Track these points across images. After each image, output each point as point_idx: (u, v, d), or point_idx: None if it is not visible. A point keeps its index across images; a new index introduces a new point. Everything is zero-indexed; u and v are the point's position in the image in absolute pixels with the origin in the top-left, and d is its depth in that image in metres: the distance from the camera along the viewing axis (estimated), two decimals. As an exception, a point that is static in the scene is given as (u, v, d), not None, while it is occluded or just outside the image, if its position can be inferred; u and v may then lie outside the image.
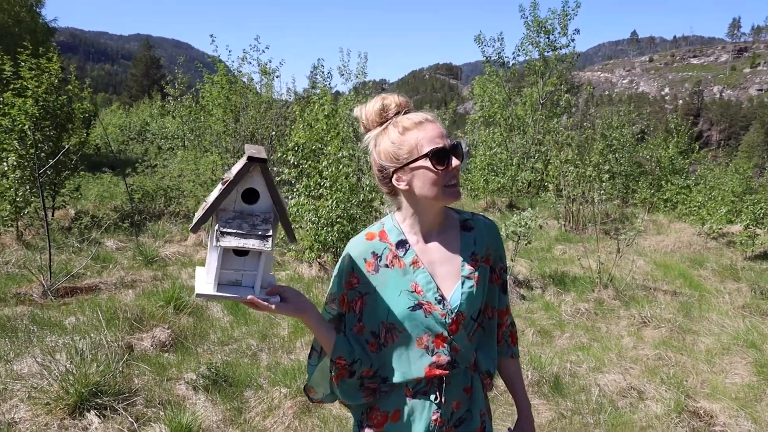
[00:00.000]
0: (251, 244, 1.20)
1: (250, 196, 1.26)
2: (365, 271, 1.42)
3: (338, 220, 6.27)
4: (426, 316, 1.38)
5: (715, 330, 4.92)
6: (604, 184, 8.91)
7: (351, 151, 7.67)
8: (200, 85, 12.98)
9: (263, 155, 1.21)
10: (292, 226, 1.88)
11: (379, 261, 1.42)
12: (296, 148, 6.73)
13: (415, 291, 1.39)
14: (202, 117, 12.65)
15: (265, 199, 1.26)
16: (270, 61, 12.87)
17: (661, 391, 3.66)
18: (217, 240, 1.20)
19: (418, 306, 1.38)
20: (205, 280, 1.29)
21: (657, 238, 8.96)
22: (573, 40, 15.56)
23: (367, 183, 7.27)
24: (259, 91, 12.47)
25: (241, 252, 1.27)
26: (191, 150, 12.75)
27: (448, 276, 1.42)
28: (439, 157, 1.30)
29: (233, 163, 11.47)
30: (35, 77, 7.90)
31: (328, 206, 6.19)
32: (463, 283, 1.41)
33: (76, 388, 3.15)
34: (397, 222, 1.46)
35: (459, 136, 18.11)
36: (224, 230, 1.20)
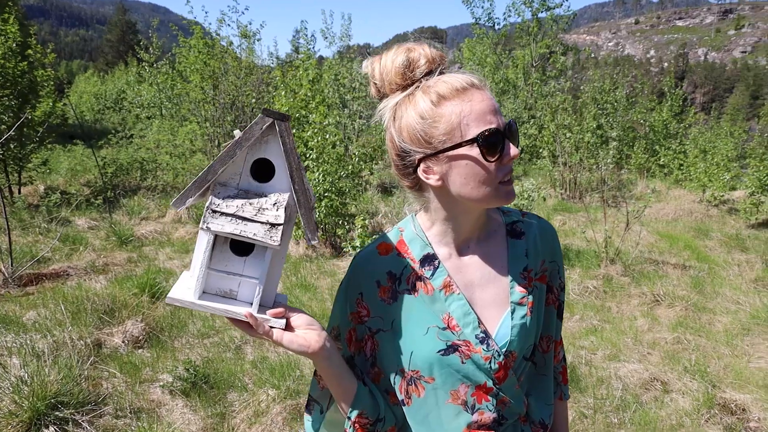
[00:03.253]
0: (252, 232, 0.81)
1: (263, 170, 0.87)
2: (378, 300, 1.00)
3: (326, 194, 5.83)
4: (463, 362, 0.96)
5: (731, 308, 4.63)
6: (611, 152, 8.47)
7: (337, 119, 7.16)
8: (176, 50, 12.23)
9: (286, 114, 0.82)
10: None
11: (398, 285, 0.99)
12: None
13: (449, 327, 0.97)
14: (178, 84, 11.94)
15: (282, 176, 0.86)
16: (250, 23, 12.16)
17: (685, 382, 3.35)
18: (205, 222, 0.81)
19: (452, 348, 0.96)
20: (186, 284, 0.88)
21: (657, 206, 8.64)
22: (567, 0, 14.95)
23: (356, 152, 6.80)
24: (239, 56, 11.76)
25: (241, 250, 0.88)
26: (168, 119, 12.10)
27: (493, 303, 1.00)
28: (493, 143, 0.87)
29: (213, 133, 10.83)
30: (-10, 41, 7.25)
31: (314, 179, 5.74)
32: (513, 312, 1.00)
33: (31, 400, 2.74)
34: (422, 228, 1.03)
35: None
36: (217, 209, 0.82)
